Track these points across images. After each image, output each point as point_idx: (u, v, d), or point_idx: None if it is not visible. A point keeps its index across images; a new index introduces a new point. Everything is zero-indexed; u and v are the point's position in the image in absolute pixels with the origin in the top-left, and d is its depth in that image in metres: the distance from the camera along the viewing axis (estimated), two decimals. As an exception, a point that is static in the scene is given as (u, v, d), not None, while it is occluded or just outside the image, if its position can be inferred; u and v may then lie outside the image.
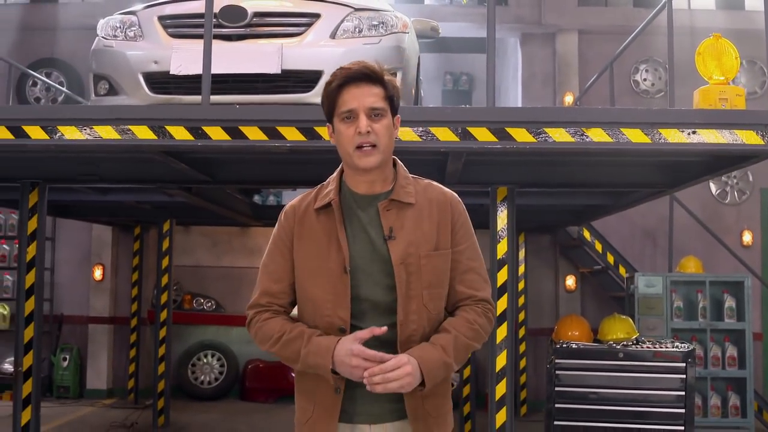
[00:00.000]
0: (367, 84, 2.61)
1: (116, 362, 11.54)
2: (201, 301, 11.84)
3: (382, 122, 2.62)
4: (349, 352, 2.48)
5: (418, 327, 2.61)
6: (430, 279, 2.64)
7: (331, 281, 2.61)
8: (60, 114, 4.91)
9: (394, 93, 2.67)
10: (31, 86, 11.81)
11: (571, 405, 5.62)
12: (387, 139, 2.64)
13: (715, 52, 4.65)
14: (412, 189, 2.71)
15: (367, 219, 2.67)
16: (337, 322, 2.59)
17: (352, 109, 2.60)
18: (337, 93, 2.62)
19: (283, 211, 2.80)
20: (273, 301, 2.73)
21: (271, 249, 2.79)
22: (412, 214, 2.67)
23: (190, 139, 4.59)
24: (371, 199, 2.69)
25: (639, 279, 8.79)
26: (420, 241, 2.64)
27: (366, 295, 2.62)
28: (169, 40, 5.32)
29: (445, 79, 14.78)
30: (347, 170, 2.72)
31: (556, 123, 4.53)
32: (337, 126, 2.65)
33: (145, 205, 8.54)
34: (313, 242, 2.67)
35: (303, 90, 5.11)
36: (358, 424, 2.65)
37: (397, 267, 2.60)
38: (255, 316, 2.74)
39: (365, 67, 2.63)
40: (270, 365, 11.40)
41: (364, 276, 2.62)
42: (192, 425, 9.58)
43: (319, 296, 2.63)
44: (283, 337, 2.62)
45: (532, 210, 7.73)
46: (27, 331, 6.22)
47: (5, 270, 11.39)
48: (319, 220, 2.69)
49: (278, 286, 2.73)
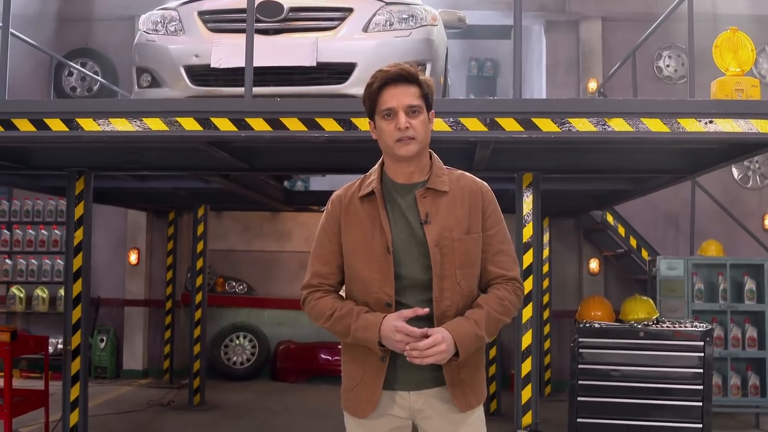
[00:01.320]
0: (404, 84, 2.90)
1: (151, 344, 11.89)
2: (233, 284, 12.18)
3: (419, 118, 2.91)
4: (393, 328, 2.78)
5: (452, 303, 2.90)
6: (462, 260, 2.92)
7: (376, 261, 2.90)
8: (112, 107, 5.20)
9: (428, 91, 2.95)
10: (67, 76, 12.11)
11: (593, 381, 5.84)
12: (424, 132, 2.92)
13: (732, 45, 4.85)
14: (446, 178, 3.00)
15: (405, 205, 2.96)
16: (384, 298, 2.88)
17: (391, 107, 2.89)
18: (378, 93, 2.91)
19: (330, 200, 3.10)
20: (323, 282, 3.04)
21: (319, 235, 3.09)
22: (446, 201, 2.95)
23: (234, 130, 4.86)
24: (410, 188, 2.97)
25: (661, 262, 8.97)
26: (453, 226, 2.92)
27: (406, 274, 2.91)
28: (209, 35, 5.55)
29: (470, 65, 14.79)
30: (388, 162, 3.00)
31: (579, 113, 4.76)
32: (379, 123, 2.94)
33: (181, 191, 8.82)
34: (358, 227, 2.96)
35: (337, 81, 5.31)
36: (398, 391, 2.95)
37: (432, 249, 2.89)
38: (308, 296, 3.05)
39: (402, 69, 2.92)
40: (301, 347, 11.72)
41: (404, 256, 2.91)
42: (226, 404, 9.90)
43: (367, 275, 2.92)
44: (334, 314, 2.93)
45: (556, 195, 7.92)
46: (75, 312, 6.54)
47: (44, 254, 11.74)
48: (363, 207, 2.97)
49: (327, 268, 3.04)
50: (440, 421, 2.97)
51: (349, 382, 3.03)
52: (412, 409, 2.97)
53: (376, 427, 3.00)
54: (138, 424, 8.64)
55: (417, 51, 5.48)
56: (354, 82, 5.29)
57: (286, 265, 12.25)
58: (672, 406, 5.71)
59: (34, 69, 10.70)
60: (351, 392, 3.01)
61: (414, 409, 2.97)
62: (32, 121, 4.99)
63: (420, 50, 5.48)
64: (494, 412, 9.31)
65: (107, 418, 8.66)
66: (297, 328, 11.97)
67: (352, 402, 3.01)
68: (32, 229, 11.78)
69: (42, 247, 11.74)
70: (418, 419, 3.00)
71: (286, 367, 11.68)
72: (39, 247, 11.75)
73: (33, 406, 6.54)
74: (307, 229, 12.23)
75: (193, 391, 9.80)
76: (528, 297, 6.03)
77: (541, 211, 6.15)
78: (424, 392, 2.95)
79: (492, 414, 9.19)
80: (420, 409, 2.97)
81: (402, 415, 2.99)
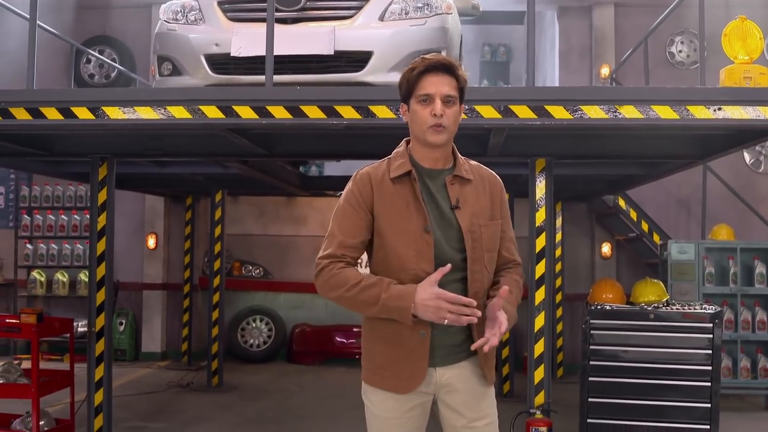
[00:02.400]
0: (444, 74, 3.03)
1: (170, 326, 12.10)
2: (249, 268, 12.36)
3: (452, 109, 3.04)
4: (433, 296, 2.86)
5: (481, 285, 3.07)
6: (488, 245, 3.09)
7: (414, 240, 3.01)
8: (137, 96, 5.36)
9: (464, 85, 3.09)
10: (85, 63, 12.26)
11: (604, 362, 5.96)
12: (454, 123, 3.07)
13: (741, 34, 4.96)
14: (468, 168, 3.16)
15: (435, 189, 3.10)
16: (421, 275, 2.97)
17: (429, 93, 3.01)
18: (418, 79, 3.04)
19: (358, 177, 3.15)
20: (347, 254, 3.08)
21: (345, 208, 3.13)
22: (471, 188, 3.12)
23: (255, 117, 5.00)
24: (436, 173, 3.11)
25: (672, 246, 9.09)
26: (479, 213, 3.09)
27: (438, 253, 3.02)
28: (229, 24, 5.67)
29: (483, 51, 14.85)
30: (416, 146, 3.13)
31: (591, 101, 4.88)
32: (414, 106, 3.06)
33: (199, 176, 8.96)
34: (393, 207, 3.06)
35: (354, 69, 5.42)
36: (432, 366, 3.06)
37: (465, 234, 3.05)
38: (329, 265, 3.05)
39: (444, 59, 3.07)
40: (316, 329, 11.91)
41: (438, 236, 3.04)
42: (244, 385, 10.10)
43: (403, 253, 3.02)
44: (361, 283, 2.95)
45: (569, 180, 8.02)
46: (99, 295, 6.72)
47: (64, 239, 11.94)
48: (396, 187, 3.08)
49: (353, 240, 3.09)
50: (466, 395, 3.08)
51: (383, 360, 3.08)
52: (438, 384, 3.07)
53: (406, 401, 3.08)
54: (159, 404, 8.84)
55: (432, 39, 5.59)
56: (370, 70, 5.41)
57: (302, 250, 12.40)
58: (681, 386, 5.83)
59: (53, 57, 10.88)
60: (387, 370, 3.07)
61: (439, 384, 3.07)
62: (59, 110, 5.14)
63: (435, 38, 5.59)
64: (507, 393, 9.46)
65: (129, 399, 8.86)
66: (312, 311, 12.17)
67: (391, 379, 3.06)
68: (52, 214, 11.95)
69: (62, 232, 11.93)
70: (441, 394, 3.09)
71: (301, 349, 11.88)
72: (59, 232, 11.93)
73: (59, 386, 6.71)
74: (322, 214, 12.37)
75: (211, 373, 9.99)
76: (541, 280, 6.18)
77: (553, 196, 6.26)
78: (450, 366, 3.07)
79: (505, 395, 9.35)
80: (445, 383, 3.07)
81: (428, 391, 3.09)
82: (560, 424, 6.42)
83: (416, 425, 3.14)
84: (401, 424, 3.11)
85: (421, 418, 3.15)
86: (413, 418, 3.12)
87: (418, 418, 3.13)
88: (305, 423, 8.09)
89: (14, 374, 6.68)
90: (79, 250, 11.86)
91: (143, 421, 8.05)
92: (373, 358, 3.14)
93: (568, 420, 6.51)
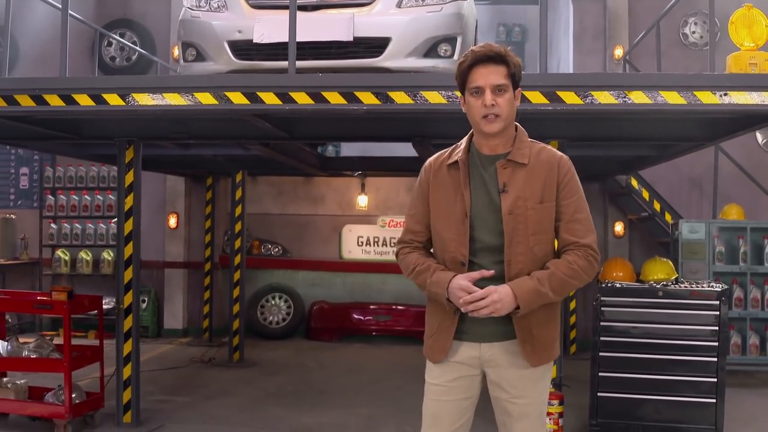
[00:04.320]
0: (492, 64, 3.17)
1: (191, 304, 12.35)
2: (268, 247, 12.60)
3: (504, 96, 3.18)
4: (459, 287, 3.11)
5: (524, 267, 3.18)
6: (535, 227, 3.20)
7: (455, 224, 3.24)
8: (166, 83, 5.60)
9: (516, 71, 3.21)
10: (106, 46, 12.45)
11: (614, 338, 6.17)
12: (508, 110, 3.19)
13: (747, 21, 5.13)
14: (527, 151, 3.27)
15: (487, 176, 3.26)
16: (459, 258, 3.22)
17: (479, 86, 3.17)
18: (468, 72, 3.20)
19: (423, 166, 3.43)
20: (414, 239, 3.42)
21: (414, 196, 3.46)
22: (525, 172, 3.23)
23: (279, 103, 5.22)
24: (493, 159, 3.27)
25: (683, 225, 9.26)
26: (528, 196, 3.20)
27: (479, 237, 3.22)
28: (252, 12, 5.85)
29: (498, 31, 14.90)
30: (476, 134, 3.31)
31: (601, 87, 5.06)
32: (468, 99, 3.24)
33: (220, 157, 9.20)
34: (443, 192, 3.30)
35: (372, 55, 5.60)
36: (468, 342, 3.28)
37: (505, 217, 3.19)
38: (400, 250, 3.46)
39: (491, 50, 3.19)
40: (334, 306, 12.18)
41: (480, 222, 3.22)
42: (264, 360, 10.36)
43: (446, 236, 3.27)
44: (416, 269, 3.32)
45: (582, 160, 8.06)
46: (126, 272, 6.97)
47: (87, 219, 12.17)
48: (450, 174, 3.30)
49: (418, 226, 3.41)
50: (513, 372, 3.26)
51: (428, 330, 3.41)
52: (482, 359, 3.28)
53: (445, 373, 3.33)
54: (183, 379, 9.12)
55: (448, 25, 5.75)
56: (388, 56, 5.59)
57: (320, 228, 12.65)
58: (689, 361, 6.04)
59: (75, 40, 11.02)
60: (429, 339, 3.39)
61: (484, 359, 3.28)
62: (91, 96, 5.38)
63: (451, 24, 5.75)
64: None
65: (153, 374, 9.14)
66: (330, 288, 12.44)
67: (429, 348, 3.37)
68: (75, 195, 12.19)
69: (85, 212, 12.15)
70: (487, 368, 3.30)
71: (320, 326, 12.13)
72: (82, 211, 12.15)
73: (89, 361, 6.96)
74: (340, 194, 12.61)
75: (232, 349, 10.25)
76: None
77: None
78: (494, 344, 3.26)
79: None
80: (489, 359, 3.27)
81: (471, 365, 3.30)
82: (572, 398, 6.65)
83: (463, 396, 3.35)
84: (445, 392, 3.35)
85: (468, 391, 3.35)
86: (458, 389, 3.33)
87: (464, 390, 3.34)
88: (324, 397, 8.34)
89: (47, 349, 6.96)
90: (102, 229, 12.11)
91: (168, 395, 8.32)
92: (426, 329, 3.46)
93: (579, 394, 6.72)
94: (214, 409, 7.74)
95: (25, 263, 12.36)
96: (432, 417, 3.38)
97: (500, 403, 3.33)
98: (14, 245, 12.52)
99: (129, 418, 6.92)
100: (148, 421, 7.13)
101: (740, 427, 6.95)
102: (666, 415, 6.08)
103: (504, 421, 3.36)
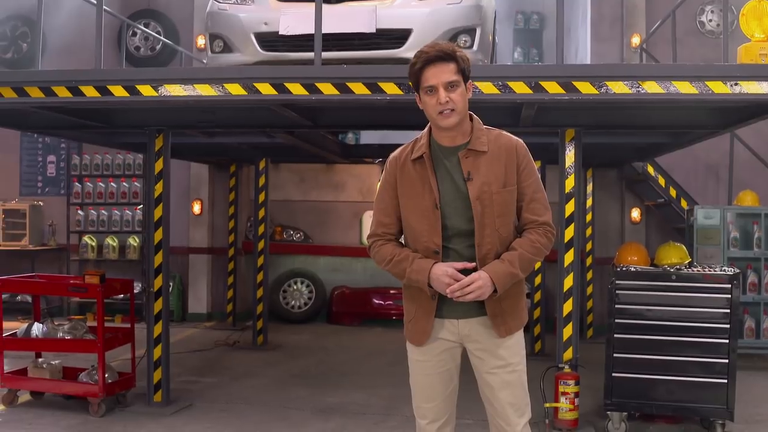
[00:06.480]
0: (442, 62, 3.38)
1: (215, 289, 12.63)
2: (291, 233, 12.84)
3: (457, 91, 3.40)
4: (446, 273, 3.36)
5: (492, 247, 3.46)
6: (500, 210, 3.46)
7: (426, 215, 3.48)
8: (196, 74, 5.82)
9: (464, 66, 3.43)
10: (131, 36, 12.68)
11: (629, 320, 6.32)
12: (462, 103, 3.43)
13: (757, 14, 5.28)
14: (485, 139, 3.51)
15: (450, 166, 3.50)
16: (432, 246, 3.47)
17: (432, 85, 3.39)
18: (420, 72, 3.42)
19: (388, 160, 3.66)
20: (386, 231, 3.64)
21: (380, 190, 3.67)
22: (486, 159, 3.47)
23: (305, 94, 5.43)
24: (454, 150, 3.50)
25: (698, 211, 9.40)
26: (492, 181, 3.45)
27: (451, 225, 3.48)
28: (277, 4, 6.06)
29: (516, 19, 14.98)
30: (434, 128, 3.54)
31: (615, 77, 5.24)
32: (423, 97, 3.46)
33: (244, 145, 9.42)
34: (411, 186, 3.53)
35: (394, 46, 5.79)
36: (448, 319, 3.55)
37: (473, 202, 3.43)
38: (373, 243, 3.68)
39: (440, 49, 3.41)
40: (354, 291, 12.41)
41: (450, 210, 3.47)
42: (287, 344, 10.62)
43: (417, 227, 3.51)
44: (393, 259, 3.55)
45: (599, 147, 8.33)
46: (156, 257, 7.21)
47: (113, 206, 12.45)
48: (415, 168, 3.53)
49: (388, 218, 3.63)
50: (485, 343, 3.54)
51: (407, 315, 3.66)
52: (461, 334, 3.56)
53: (431, 349, 3.61)
54: (209, 360, 9.40)
55: (467, 17, 5.93)
56: (410, 47, 5.75)
57: (341, 215, 12.88)
58: (701, 342, 6.18)
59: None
60: (409, 323, 3.65)
61: (462, 334, 3.56)
62: (125, 87, 5.61)
63: (470, 16, 5.93)
64: (538, 352, 9.84)
65: (180, 356, 9.39)
66: (351, 274, 12.69)
67: (410, 332, 3.64)
68: (102, 182, 12.46)
69: (111, 199, 12.42)
70: (465, 342, 3.59)
71: (341, 310, 12.40)
72: (109, 198, 12.42)
73: (121, 342, 7.22)
74: (361, 180, 12.82)
75: (256, 332, 10.49)
76: (570, 243, 6.58)
77: (584, 163, 6.59)
78: (470, 320, 3.53)
79: (536, 354, 9.74)
80: (467, 334, 3.55)
81: (452, 339, 3.58)
82: (587, 380, 6.85)
83: (447, 367, 3.64)
84: (432, 366, 3.63)
85: (451, 362, 3.64)
86: (442, 361, 3.62)
87: (447, 361, 3.63)
88: (346, 378, 8.58)
89: (81, 331, 7.24)
90: (128, 216, 12.39)
91: (195, 376, 8.59)
92: (404, 315, 3.71)
93: (594, 375, 6.91)
94: (240, 389, 8.00)
95: (53, 249, 12.68)
96: (426, 389, 3.68)
97: (481, 376, 3.61)
98: (42, 232, 12.83)
99: (159, 398, 7.18)
100: (178, 400, 7.39)
101: (751, 408, 7.14)
102: (678, 395, 6.24)
103: (488, 396, 3.62)
